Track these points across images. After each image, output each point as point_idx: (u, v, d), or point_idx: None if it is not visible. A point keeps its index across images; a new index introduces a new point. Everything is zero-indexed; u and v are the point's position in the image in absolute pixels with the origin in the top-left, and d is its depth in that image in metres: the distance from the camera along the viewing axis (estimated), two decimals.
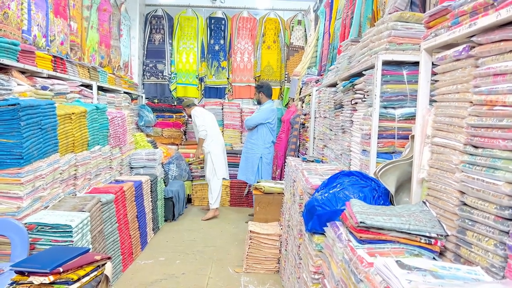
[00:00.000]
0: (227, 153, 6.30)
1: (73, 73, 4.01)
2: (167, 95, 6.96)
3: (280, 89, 7.09)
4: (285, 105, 6.97)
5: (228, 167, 6.32)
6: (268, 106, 5.65)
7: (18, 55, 2.97)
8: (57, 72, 3.64)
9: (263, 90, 5.61)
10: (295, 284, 2.56)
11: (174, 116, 6.75)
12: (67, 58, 3.98)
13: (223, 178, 5.84)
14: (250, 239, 3.68)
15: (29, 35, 3.34)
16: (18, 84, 2.95)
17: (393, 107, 2.17)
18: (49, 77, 3.51)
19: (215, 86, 7.05)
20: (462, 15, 1.37)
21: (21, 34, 3.23)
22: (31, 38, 3.37)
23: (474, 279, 1.08)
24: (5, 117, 2.45)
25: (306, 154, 4.52)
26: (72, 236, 2.48)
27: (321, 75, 4.58)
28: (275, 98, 7.09)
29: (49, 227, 2.45)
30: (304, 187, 2.40)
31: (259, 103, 5.71)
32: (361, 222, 1.41)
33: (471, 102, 1.30)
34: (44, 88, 3.27)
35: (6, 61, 2.80)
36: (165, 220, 5.32)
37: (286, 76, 6.97)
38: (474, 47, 1.30)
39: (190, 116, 6.02)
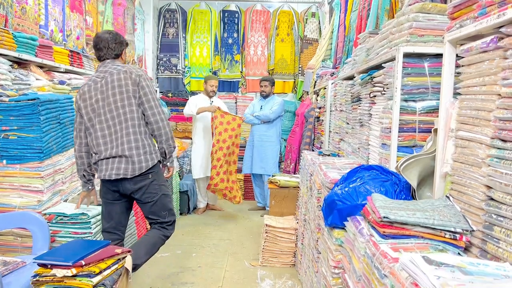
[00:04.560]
0: (241, 147, 6.31)
1: (89, 67, 4.04)
2: (181, 89, 6.97)
3: (294, 82, 7.05)
4: (299, 98, 6.93)
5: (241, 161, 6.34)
6: (280, 98, 5.72)
7: (36, 50, 3.00)
8: (73, 66, 3.67)
9: (274, 84, 5.68)
10: (312, 278, 2.56)
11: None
12: (83, 52, 4.01)
13: None
14: (266, 232, 3.68)
15: (46, 30, 3.36)
16: (37, 79, 2.98)
17: (414, 100, 2.14)
18: (66, 71, 3.54)
19: (229, 80, 7.04)
20: (489, 5, 1.34)
21: (38, 29, 3.26)
22: (48, 33, 3.40)
23: (504, 275, 1.06)
24: (25, 112, 2.48)
25: (321, 148, 4.50)
26: (90, 228, 2.52)
27: (336, 68, 4.54)
28: (289, 92, 7.07)
29: (68, 218, 2.49)
30: (322, 181, 2.39)
31: (267, 96, 5.59)
32: (384, 217, 1.39)
33: (499, 94, 1.27)
34: (61, 82, 3.30)
35: (25, 56, 2.83)
36: (180, 214, 5.35)
37: (300, 69, 6.92)
38: (502, 38, 1.27)
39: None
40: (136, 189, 2.58)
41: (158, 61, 6.96)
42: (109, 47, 2.62)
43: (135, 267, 2.54)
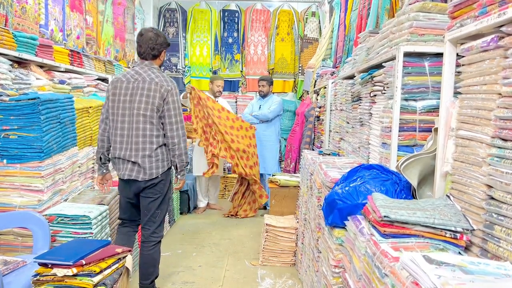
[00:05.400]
0: None
1: (90, 67, 4.04)
2: (181, 89, 6.95)
3: (294, 81, 7.05)
4: (299, 97, 6.92)
5: None
6: (279, 98, 5.78)
7: (36, 50, 3.00)
8: (74, 66, 3.67)
9: (272, 83, 5.73)
10: (313, 277, 2.56)
11: (188, 110, 6.75)
12: (83, 52, 4.01)
13: None
14: (266, 232, 3.68)
15: (47, 30, 3.36)
16: (37, 78, 2.98)
17: (414, 100, 2.14)
18: (66, 71, 3.54)
19: (229, 79, 7.03)
20: (490, 4, 1.34)
21: (38, 29, 3.26)
22: (48, 33, 3.40)
23: (505, 274, 1.06)
24: (25, 111, 2.48)
25: (321, 147, 4.50)
26: (91, 228, 2.52)
27: (337, 67, 4.53)
28: (289, 91, 7.07)
29: (69, 219, 2.48)
30: (323, 180, 2.39)
31: (265, 95, 5.65)
32: (385, 216, 1.39)
33: (500, 94, 1.27)
34: (61, 82, 3.30)
35: (25, 56, 2.83)
36: (181, 213, 5.35)
37: (300, 68, 6.92)
38: (503, 37, 1.27)
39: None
40: (145, 186, 2.78)
41: None
42: (149, 46, 2.74)
43: (155, 278, 2.97)
